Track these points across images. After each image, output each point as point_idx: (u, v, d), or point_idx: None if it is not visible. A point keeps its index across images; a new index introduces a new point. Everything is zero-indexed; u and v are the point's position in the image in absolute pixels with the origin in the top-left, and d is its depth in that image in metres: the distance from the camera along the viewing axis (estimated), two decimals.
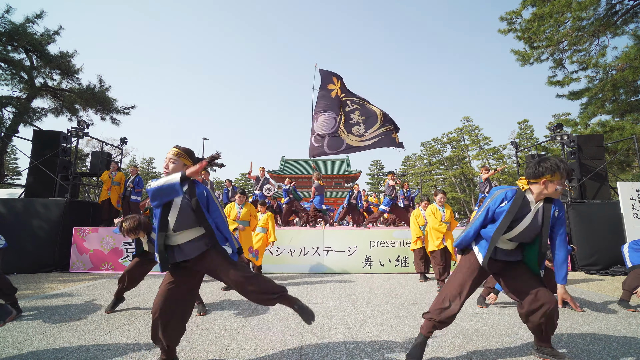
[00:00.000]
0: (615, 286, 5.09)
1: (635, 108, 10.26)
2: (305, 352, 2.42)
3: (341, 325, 3.06)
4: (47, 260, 6.49)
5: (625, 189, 6.69)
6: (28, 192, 7.39)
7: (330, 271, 6.32)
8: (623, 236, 6.53)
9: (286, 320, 3.20)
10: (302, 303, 2.21)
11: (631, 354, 2.38)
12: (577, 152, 7.64)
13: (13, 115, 9.43)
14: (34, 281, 5.46)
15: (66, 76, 10.32)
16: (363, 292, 4.58)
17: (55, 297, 4.30)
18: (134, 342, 2.61)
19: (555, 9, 9.95)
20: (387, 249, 6.45)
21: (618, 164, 11.87)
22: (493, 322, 3.16)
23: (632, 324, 3.13)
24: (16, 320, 3.22)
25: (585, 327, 3.00)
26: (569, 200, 7.01)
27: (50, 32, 9.60)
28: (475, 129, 36.21)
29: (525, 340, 2.65)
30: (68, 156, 7.93)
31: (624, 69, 9.56)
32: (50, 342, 2.61)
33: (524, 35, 11.10)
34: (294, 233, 6.62)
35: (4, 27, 8.60)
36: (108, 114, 11.24)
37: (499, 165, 32.58)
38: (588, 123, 11.81)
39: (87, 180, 9.81)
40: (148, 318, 3.30)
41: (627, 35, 9.61)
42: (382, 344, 2.59)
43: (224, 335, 2.78)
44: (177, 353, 2.40)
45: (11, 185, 13.20)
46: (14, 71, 9.12)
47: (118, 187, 7.74)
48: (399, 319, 3.30)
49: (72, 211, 7.02)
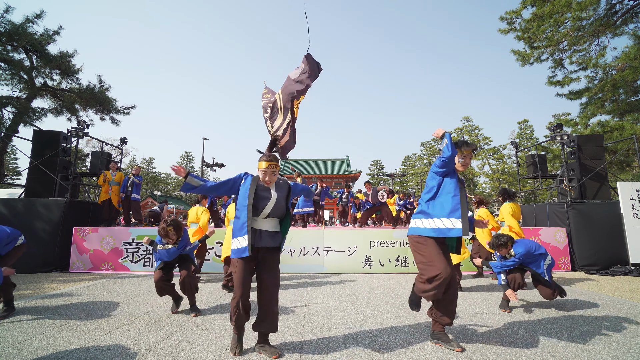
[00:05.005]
0: (615, 286, 5.10)
1: (635, 108, 10.27)
2: (305, 352, 2.42)
3: (341, 325, 3.07)
4: (47, 260, 6.48)
5: (625, 189, 6.69)
6: (28, 192, 7.39)
7: (330, 271, 6.32)
8: (623, 236, 6.54)
9: (286, 320, 3.21)
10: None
11: (631, 354, 2.38)
12: (577, 152, 7.64)
13: (13, 115, 9.44)
14: (34, 281, 5.46)
15: (66, 76, 10.32)
16: (363, 292, 4.58)
17: (55, 297, 4.30)
18: (134, 342, 2.61)
19: (555, 9, 9.95)
20: (387, 249, 6.46)
21: (618, 164, 11.87)
22: (493, 322, 3.17)
23: (632, 323, 3.13)
24: (16, 320, 3.22)
25: (585, 327, 3.00)
26: (569, 200, 7.01)
27: (50, 32, 9.60)
28: (475, 129, 36.22)
29: (525, 340, 2.65)
30: (68, 156, 7.93)
31: (624, 69, 9.56)
32: (50, 342, 2.61)
33: (524, 35, 11.11)
34: (294, 233, 6.61)
35: (3, 27, 8.61)
36: (108, 114, 11.25)
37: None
38: (588, 123, 11.81)
39: (87, 180, 9.81)
40: (148, 318, 3.30)
41: (627, 35, 9.63)
42: (382, 344, 2.59)
43: (224, 335, 2.78)
44: (177, 353, 2.41)
45: (11, 185, 13.20)
46: (14, 71, 9.12)
47: (118, 187, 7.74)
48: (399, 319, 3.30)
49: (72, 211, 7.02)
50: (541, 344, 2.58)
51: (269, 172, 2.45)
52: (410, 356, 2.34)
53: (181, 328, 2.98)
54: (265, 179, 2.45)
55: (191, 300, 3.54)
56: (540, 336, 2.76)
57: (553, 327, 3.03)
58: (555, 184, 8.67)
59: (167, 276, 3.53)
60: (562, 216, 7.11)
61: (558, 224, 7.16)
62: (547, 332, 2.86)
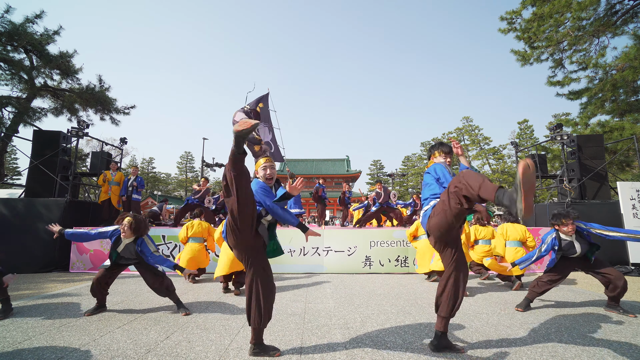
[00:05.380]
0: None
1: (635, 108, 10.26)
2: (305, 352, 2.42)
3: (341, 325, 3.06)
4: (47, 260, 6.48)
5: (625, 189, 6.69)
6: (28, 192, 7.39)
7: (330, 271, 6.32)
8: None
9: (286, 321, 3.21)
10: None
11: (631, 354, 2.38)
12: (577, 152, 7.64)
13: (13, 115, 9.43)
14: (34, 281, 5.46)
15: (66, 76, 10.31)
16: (363, 292, 4.58)
17: (55, 297, 4.30)
18: (134, 342, 2.61)
19: (555, 9, 9.95)
20: (387, 249, 6.45)
21: (618, 164, 11.87)
22: (493, 322, 3.16)
23: (632, 324, 3.13)
24: (16, 320, 3.21)
25: (586, 327, 3.00)
26: (569, 200, 7.01)
27: (50, 32, 9.59)
28: (475, 129, 36.21)
29: (525, 340, 2.65)
30: (68, 156, 7.93)
31: (624, 69, 9.56)
32: (50, 342, 2.61)
33: (524, 35, 11.10)
34: (293, 233, 6.61)
35: (4, 27, 8.60)
36: (108, 114, 11.24)
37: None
38: (588, 123, 11.81)
39: (87, 180, 9.81)
40: (148, 318, 3.30)
41: (627, 35, 9.62)
42: (382, 344, 2.59)
43: (224, 335, 2.78)
44: (177, 353, 2.41)
45: (11, 185, 13.20)
46: (14, 71, 9.11)
47: (117, 187, 7.74)
48: (399, 319, 3.30)
49: (72, 211, 7.02)
50: (541, 344, 2.58)
51: (268, 166, 2.53)
52: (410, 356, 2.34)
53: (181, 328, 2.98)
54: (267, 172, 2.49)
55: (173, 300, 3.53)
56: (540, 336, 2.76)
57: (553, 327, 3.02)
58: (555, 184, 8.67)
59: (106, 278, 3.45)
60: None
61: None
62: (547, 332, 2.86)
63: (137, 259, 3.46)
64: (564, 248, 3.50)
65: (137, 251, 3.39)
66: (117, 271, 3.57)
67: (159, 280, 3.49)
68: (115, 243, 3.40)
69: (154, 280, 3.49)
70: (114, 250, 3.41)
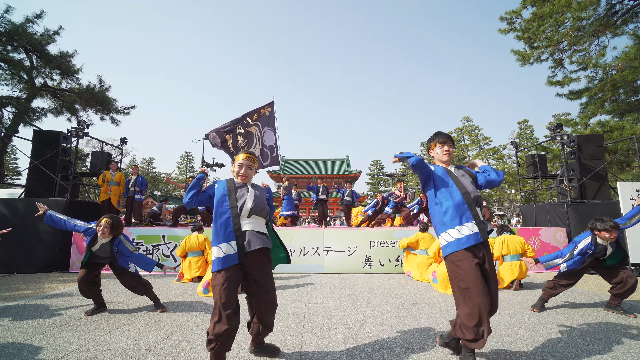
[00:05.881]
0: None
1: (635, 108, 10.26)
2: (305, 352, 2.42)
3: (341, 325, 3.06)
4: (47, 260, 6.48)
5: (625, 189, 6.69)
6: (28, 192, 7.39)
7: (330, 271, 6.32)
8: (623, 236, 6.53)
9: (286, 321, 3.21)
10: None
11: (631, 354, 2.38)
12: (577, 152, 7.64)
13: (13, 115, 9.43)
14: (34, 281, 5.46)
15: (66, 76, 10.31)
16: (363, 292, 4.58)
17: (55, 297, 4.30)
18: (134, 342, 2.60)
19: (555, 9, 9.95)
20: (387, 249, 6.45)
21: (618, 164, 11.86)
22: (493, 322, 3.16)
23: (632, 323, 3.13)
24: (16, 320, 3.21)
25: (586, 327, 3.00)
26: (569, 200, 7.01)
27: (50, 32, 9.59)
28: (475, 129, 36.18)
29: (525, 340, 2.65)
30: (68, 156, 7.93)
31: (624, 69, 9.56)
32: (50, 342, 2.61)
33: (524, 35, 11.10)
34: (293, 233, 6.62)
35: (4, 27, 8.60)
36: (108, 114, 11.24)
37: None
38: (588, 123, 11.80)
39: (87, 180, 9.81)
40: (148, 318, 3.30)
41: (627, 35, 9.62)
42: (382, 344, 2.59)
43: None
44: (177, 353, 2.40)
45: (11, 185, 13.18)
46: (14, 71, 9.11)
47: (117, 187, 7.73)
48: (399, 319, 3.30)
49: (72, 211, 7.01)
50: (541, 344, 2.58)
51: (245, 164, 2.23)
52: (410, 356, 2.34)
53: (181, 328, 2.98)
54: (241, 171, 2.22)
55: (150, 297, 3.62)
56: (540, 336, 2.76)
57: (553, 327, 3.03)
58: (555, 184, 8.67)
59: (90, 277, 3.46)
60: (562, 216, 7.10)
61: (558, 224, 7.16)
62: (547, 332, 2.86)
63: (111, 258, 3.49)
64: (596, 252, 3.36)
65: (114, 251, 3.44)
66: (97, 270, 3.60)
67: (136, 279, 3.55)
68: (91, 243, 3.43)
69: (130, 279, 3.55)
70: (88, 249, 3.43)
